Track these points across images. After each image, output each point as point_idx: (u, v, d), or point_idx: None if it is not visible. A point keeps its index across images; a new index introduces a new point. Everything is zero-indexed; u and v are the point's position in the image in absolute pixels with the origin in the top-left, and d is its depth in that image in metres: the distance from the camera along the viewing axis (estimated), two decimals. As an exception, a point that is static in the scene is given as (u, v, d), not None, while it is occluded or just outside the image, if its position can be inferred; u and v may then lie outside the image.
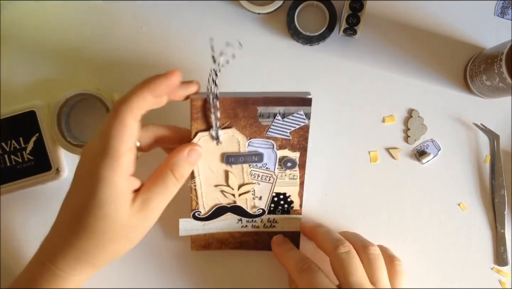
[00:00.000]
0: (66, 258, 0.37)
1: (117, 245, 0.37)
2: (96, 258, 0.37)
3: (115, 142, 0.35)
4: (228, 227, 0.46)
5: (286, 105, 0.40)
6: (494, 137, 0.50)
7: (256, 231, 0.46)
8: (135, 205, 0.37)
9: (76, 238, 0.36)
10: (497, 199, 0.50)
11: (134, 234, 0.38)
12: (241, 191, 0.44)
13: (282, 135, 0.41)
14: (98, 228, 0.36)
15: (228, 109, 0.39)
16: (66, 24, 0.50)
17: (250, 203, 0.44)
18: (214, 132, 0.40)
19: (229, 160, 0.42)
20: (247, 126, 0.40)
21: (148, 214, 0.37)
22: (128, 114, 0.35)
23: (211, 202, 0.44)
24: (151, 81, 0.36)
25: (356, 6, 0.47)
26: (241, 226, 0.46)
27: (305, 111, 0.40)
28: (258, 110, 0.40)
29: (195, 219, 0.45)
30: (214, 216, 0.45)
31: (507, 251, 0.49)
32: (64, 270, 0.37)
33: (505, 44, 0.43)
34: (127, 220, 0.36)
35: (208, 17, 0.50)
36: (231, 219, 0.45)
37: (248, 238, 0.47)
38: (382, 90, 0.50)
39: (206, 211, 0.44)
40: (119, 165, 0.35)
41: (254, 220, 0.45)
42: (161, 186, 0.38)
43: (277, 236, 0.47)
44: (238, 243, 0.47)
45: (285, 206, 0.45)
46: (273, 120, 0.40)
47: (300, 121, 0.41)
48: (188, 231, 0.45)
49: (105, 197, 0.35)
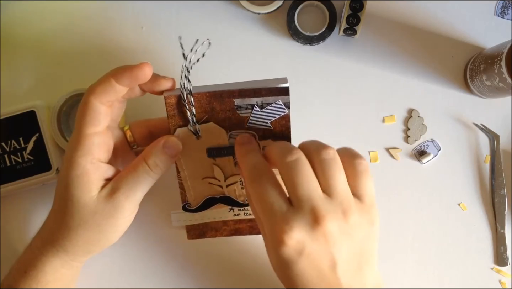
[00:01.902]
0: (45, 241, 0.39)
1: (88, 233, 0.38)
2: (69, 244, 0.38)
3: (80, 124, 0.37)
4: (220, 216, 0.46)
5: (263, 96, 0.39)
6: (494, 137, 0.50)
7: (249, 218, 0.46)
8: (103, 191, 0.37)
9: (52, 222, 0.39)
10: (497, 199, 0.50)
11: (105, 224, 0.38)
12: (228, 182, 0.43)
13: (262, 126, 0.41)
14: (66, 210, 0.37)
15: (204, 103, 0.39)
16: (66, 24, 0.50)
17: (239, 193, 0.44)
18: (192, 128, 0.40)
19: (212, 153, 0.42)
20: (226, 119, 0.40)
21: (117, 202, 0.37)
22: (91, 97, 0.36)
23: (200, 194, 0.44)
24: (117, 70, 0.37)
25: (356, 6, 0.47)
26: (233, 214, 0.46)
27: (284, 100, 0.39)
28: (235, 102, 0.39)
29: (186, 210, 0.45)
30: (204, 207, 0.45)
31: (507, 251, 0.49)
32: (43, 253, 0.39)
33: (505, 44, 0.43)
34: (94, 205, 0.37)
35: (208, 17, 0.50)
36: (222, 209, 0.45)
37: (242, 224, 0.47)
38: (382, 90, 0.50)
39: (196, 203, 0.44)
40: (83, 147, 0.36)
41: (246, 208, 0.45)
42: (132, 174, 0.38)
43: (241, 135, 0.40)
44: (233, 230, 0.47)
45: None
46: (252, 111, 0.40)
47: (279, 111, 0.40)
48: (181, 222, 0.46)
49: (71, 179, 0.37)
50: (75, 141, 0.37)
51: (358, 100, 0.50)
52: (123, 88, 0.37)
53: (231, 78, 0.49)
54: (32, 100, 0.48)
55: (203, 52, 0.37)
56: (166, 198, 0.49)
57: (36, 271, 0.39)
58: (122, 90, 0.37)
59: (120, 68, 0.37)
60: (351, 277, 0.33)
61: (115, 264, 0.49)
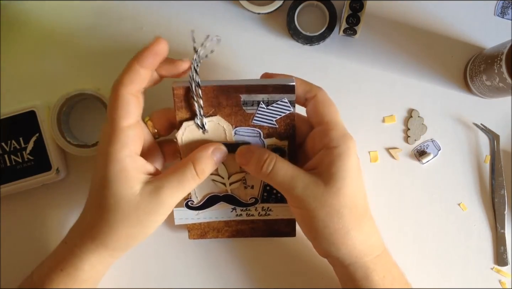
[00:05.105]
0: (83, 237, 0.39)
1: (130, 229, 0.38)
2: (110, 239, 0.38)
3: (114, 117, 0.37)
4: (222, 216, 0.46)
5: (269, 92, 0.39)
6: (494, 137, 0.50)
7: (251, 219, 0.46)
8: (147, 187, 0.37)
9: (92, 218, 0.38)
10: (497, 199, 0.50)
11: (146, 219, 0.38)
12: (231, 180, 0.43)
13: (268, 124, 0.41)
14: (108, 206, 0.37)
15: (211, 97, 0.39)
16: (66, 24, 0.50)
17: (242, 192, 0.44)
18: (199, 121, 0.40)
19: None
20: (232, 114, 0.40)
21: (160, 202, 0.37)
22: (121, 89, 0.36)
23: (203, 191, 0.44)
24: (138, 54, 0.37)
25: (356, 6, 0.47)
26: (235, 214, 0.46)
27: (289, 98, 0.40)
28: (241, 98, 0.39)
29: (188, 208, 0.45)
30: (207, 205, 0.45)
31: (507, 251, 0.49)
32: (82, 250, 0.38)
33: (505, 44, 0.43)
34: (136, 201, 0.37)
35: (208, 17, 0.50)
36: (225, 208, 0.45)
37: (244, 226, 0.47)
38: (382, 90, 0.50)
39: (198, 200, 0.44)
40: (120, 140, 0.36)
41: (248, 208, 0.45)
42: (178, 176, 0.38)
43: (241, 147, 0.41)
44: (234, 231, 0.47)
45: (278, 194, 0.45)
46: (257, 108, 0.40)
47: (285, 109, 0.40)
48: (183, 220, 0.45)
49: (111, 174, 0.37)
50: (110, 135, 0.37)
51: (358, 100, 0.50)
52: (147, 72, 0.37)
53: (230, 78, 0.49)
54: (32, 100, 0.48)
55: (211, 49, 0.38)
56: None
57: (74, 268, 0.39)
58: (147, 76, 0.37)
59: (139, 52, 0.37)
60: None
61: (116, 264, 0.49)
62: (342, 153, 0.38)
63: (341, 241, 0.38)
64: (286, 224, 0.47)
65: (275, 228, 0.47)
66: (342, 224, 0.38)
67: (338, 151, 0.38)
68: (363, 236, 0.39)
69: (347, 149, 0.38)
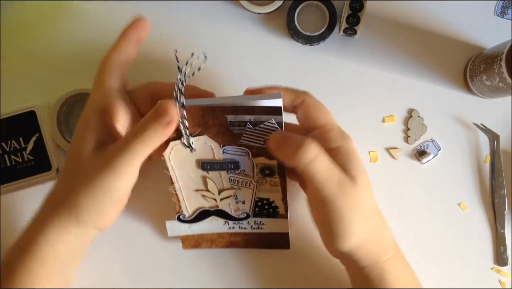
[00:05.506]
0: (50, 203, 0.39)
1: (83, 192, 0.36)
2: (68, 202, 0.37)
3: (104, 79, 0.39)
4: (215, 229, 0.46)
5: (255, 114, 0.38)
6: (494, 137, 0.50)
7: (244, 232, 0.46)
8: (97, 146, 0.37)
9: (57, 182, 0.39)
10: (497, 199, 0.50)
11: (96, 180, 0.36)
12: (222, 196, 0.43)
13: (256, 143, 0.40)
14: (67, 166, 0.38)
15: (197, 117, 0.39)
16: (66, 24, 0.50)
17: (234, 207, 0.44)
18: (185, 141, 0.39)
19: (205, 166, 0.41)
20: (219, 134, 0.40)
21: (106, 160, 0.35)
22: (113, 55, 0.40)
23: (193, 206, 0.44)
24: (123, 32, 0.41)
25: (356, 6, 0.47)
26: (228, 227, 0.46)
27: (276, 120, 0.38)
28: (228, 118, 0.39)
29: (180, 221, 0.45)
30: (198, 219, 0.45)
31: (507, 251, 0.49)
32: (48, 219, 0.38)
33: (505, 44, 0.43)
34: (86, 158, 0.37)
35: (208, 17, 0.50)
36: (217, 222, 0.45)
37: (237, 237, 0.47)
38: (382, 90, 0.50)
39: (190, 214, 0.44)
40: (92, 98, 0.38)
41: (241, 222, 0.45)
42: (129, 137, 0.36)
43: (275, 133, 0.39)
44: (228, 242, 0.47)
45: (270, 210, 0.44)
46: (245, 128, 0.39)
47: (272, 129, 0.39)
48: (176, 232, 0.45)
49: (77, 130, 0.38)
50: (92, 98, 0.39)
51: (358, 100, 0.50)
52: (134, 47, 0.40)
53: (230, 78, 0.49)
54: (32, 100, 0.48)
55: (199, 66, 0.37)
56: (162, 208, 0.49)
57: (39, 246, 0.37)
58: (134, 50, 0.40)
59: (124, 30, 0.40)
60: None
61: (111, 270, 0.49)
62: (349, 151, 0.38)
63: (362, 241, 0.38)
64: (280, 237, 0.46)
65: (269, 241, 0.47)
66: (366, 224, 0.37)
67: (344, 149, 0.38)
68: (380, 235, 0.39)
69: (350, 146, 0.38)
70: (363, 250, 0.38)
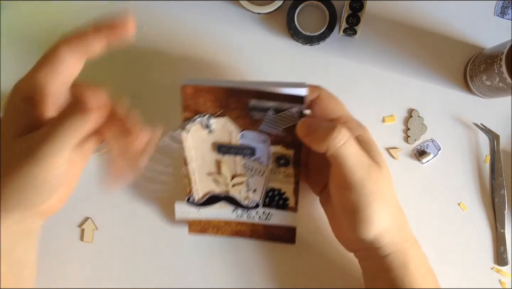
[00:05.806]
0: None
1: (7, 183, 0.34)
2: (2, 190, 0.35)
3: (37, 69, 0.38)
4: (223, 216, 0.46)
5: (279, 100, 0.38)
6: (494, 137, 0.50)
7: (252, 222, 0.46)
8: (23, 134, 0.35)
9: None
10: (497, 199, 0.50)
11: (21, 170, 0.34)
12: (234, 182, 0.43)
13: (275, 131, 0.40)
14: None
15: (221, 98, 0.39)
16: (66, 24, 0.50)
17: (244, 195, 0.44)
18: (205, 121, 0.39)
19: (221, 150, 0.41)
20: (239, 117, 0.40)
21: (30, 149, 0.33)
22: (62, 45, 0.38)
23: (204, 189, 0.44)
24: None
25: (356, 6, 0.47)
26: (236, 216, 0.46)
27: (299, 109, 0.39)
28: (250, 102, 0.39)
29: (190, 204, 0.45)
30: (207, 204, 0.45)
31: (507, 251, 0.49)
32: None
33: (505, 44, 0.43)
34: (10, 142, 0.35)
35: (208, 17, 0.50)
36: (226, 208, 0.45)
37: (244, 227, 0.47)
38: (382, 90, 0.50)
39: (200, 197, 0.44)
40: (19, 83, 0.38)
41: (249, 211, 0.45)
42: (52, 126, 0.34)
43: (304, 119, 0.39)
44: (234, 231, 0.47)
45: (280, 202, 0.45)
46: (266, 114, 0.39)
47: (294, 119, 0.39)
48: (184, 214, 0.45)
49: (2, 118, 0.37)
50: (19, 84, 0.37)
51: (358, 100, 0.50)
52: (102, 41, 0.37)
53: (230, 78, 0.49)
54: (32, 100, 0.48)
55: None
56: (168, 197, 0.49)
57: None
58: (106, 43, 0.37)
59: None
60: None
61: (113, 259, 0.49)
62: (369, 139, 0.39)
63: (387, 227, 0.38)
64: (286, 231, 0.46)
65: (275, 234, 0.47)
66: (390, 209, 0.38)
67: (365, 138, 0.39)
68: (402, 223, 0.40)
69: (369, 135, 0.39)
70: (388, 236, 0.38)
